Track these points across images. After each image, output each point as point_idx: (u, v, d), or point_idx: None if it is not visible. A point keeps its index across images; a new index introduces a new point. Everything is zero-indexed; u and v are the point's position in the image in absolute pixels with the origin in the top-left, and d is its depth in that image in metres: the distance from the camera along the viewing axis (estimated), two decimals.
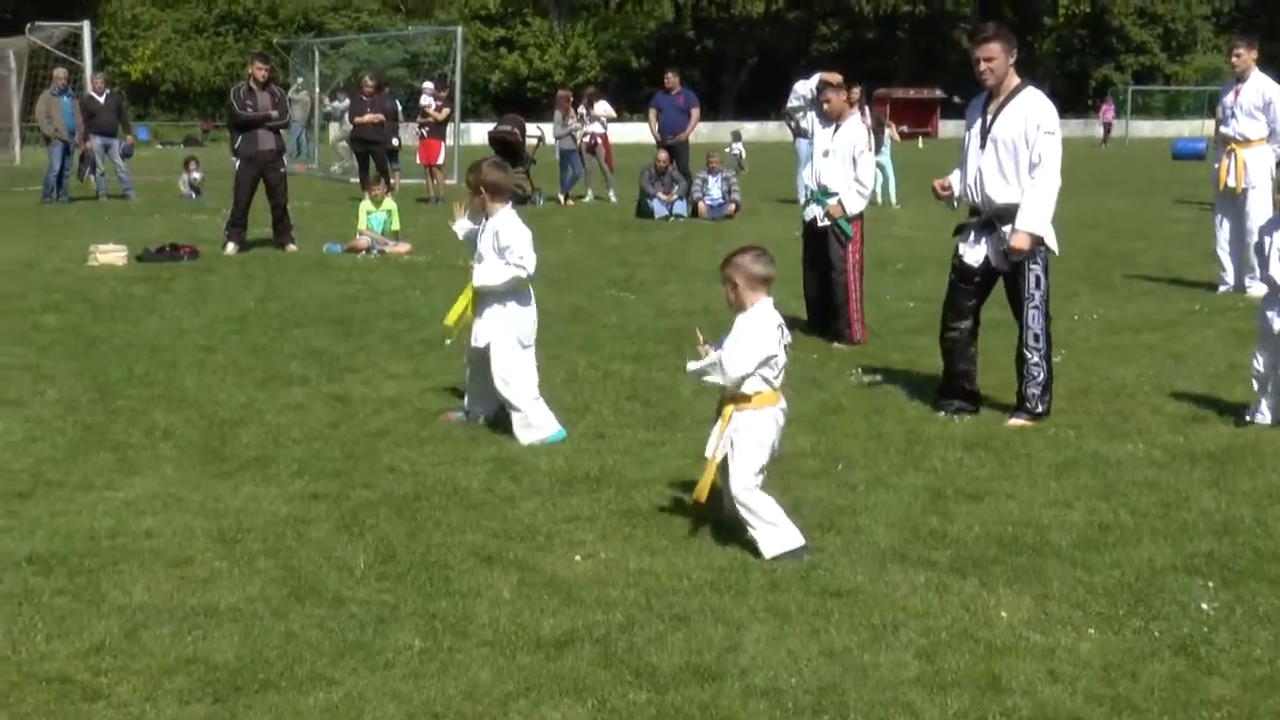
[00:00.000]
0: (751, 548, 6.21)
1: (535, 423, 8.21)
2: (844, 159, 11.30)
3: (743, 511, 6.30)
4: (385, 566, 6.08)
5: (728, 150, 34.28)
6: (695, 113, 25.38)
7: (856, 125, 11.42)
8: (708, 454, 6.43)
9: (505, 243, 8.19)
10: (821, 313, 11.69)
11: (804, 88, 11.59)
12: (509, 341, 8.26)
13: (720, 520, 6.64)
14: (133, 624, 5.42)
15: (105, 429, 8.54)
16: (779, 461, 7.64)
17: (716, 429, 6.48)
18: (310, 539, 6.44)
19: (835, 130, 11.38)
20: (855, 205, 11.40)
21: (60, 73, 27.84)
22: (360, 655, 5.13)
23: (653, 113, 25.41)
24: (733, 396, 6.45)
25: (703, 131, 26.23)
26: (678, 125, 25.03)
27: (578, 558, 6.22)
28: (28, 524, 6.70)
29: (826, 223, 11.42)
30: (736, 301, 6.56)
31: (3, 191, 28.90)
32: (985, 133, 8.62)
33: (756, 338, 6.40)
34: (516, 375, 8.24)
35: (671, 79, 25.64)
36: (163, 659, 5.09)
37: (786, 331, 6.60)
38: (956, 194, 8.94)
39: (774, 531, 6.23)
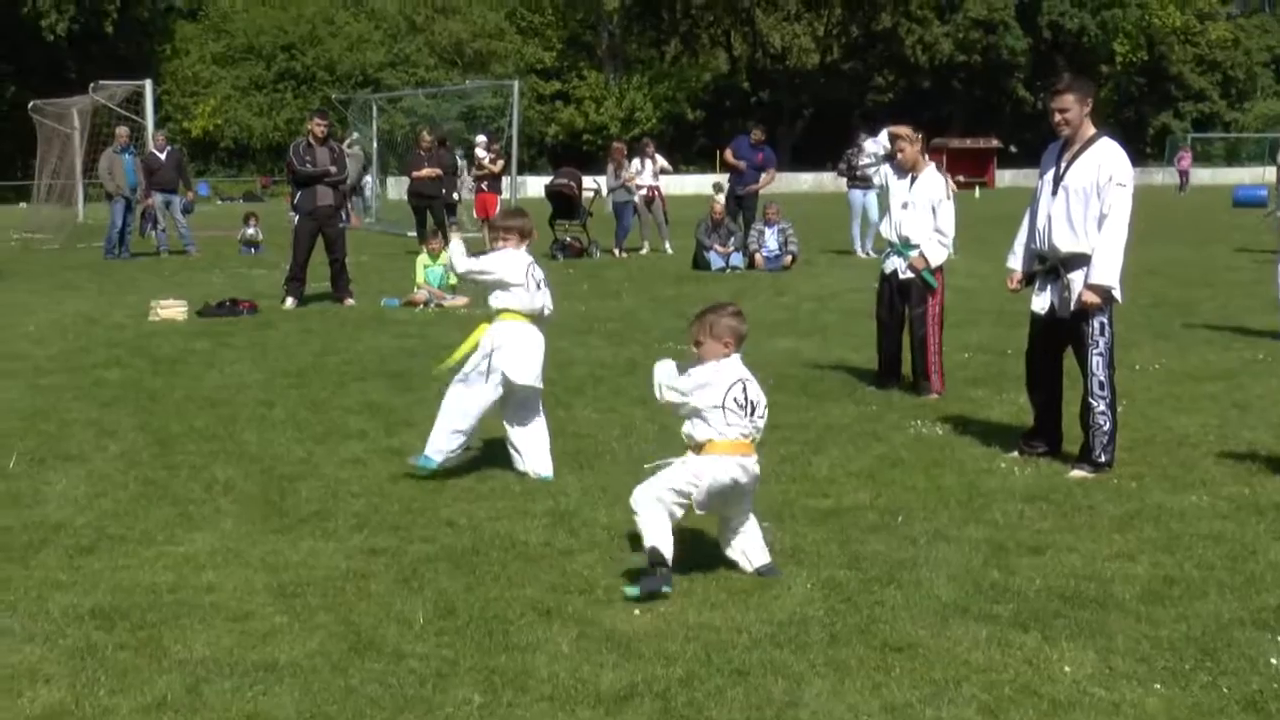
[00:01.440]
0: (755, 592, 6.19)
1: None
2: (924, 209, 11.20)
3: (635, 510, 6.56)
4: (444, 621, 6.08)
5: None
6: (769, 174, 25.58)
7: (933, 174, 11.34)
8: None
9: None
10: (892, 366, 11.61)
11: (875, 144, 11.60)
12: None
13: (780, 575, 6.62)
14: (194, 679, 5.44)
15: (166, 484, 8.60)
16: (837, 514, 7.64)
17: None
18: (369, 593, 6.45)
19: (912, 182, 11.30)
20: (938, 256, 11.30)
21: (122, 131, 28.22)
22: (420, 710, 5.12)
23: (730, 151, 25.67)
24: (690, 445, 6.76)
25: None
26: (750, 179, 25.18)
27: (636, 611, 6.19)
28: (90, 579, 6.75)
29: (909, 275, 11.34)
30: (704, 355, 6.72)
31: (66, 248, 29.31)
32: (1058, 180, 8.61)
33: (704, 380, 6.61)
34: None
35: (758, 134, 25.93)
36: (224, 714, 5.10)
37: (756, 391, 6.73)
38: (1020, 272, 8.99)
39: (649, 539, 6.45)
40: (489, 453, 9.31)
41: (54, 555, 7.14)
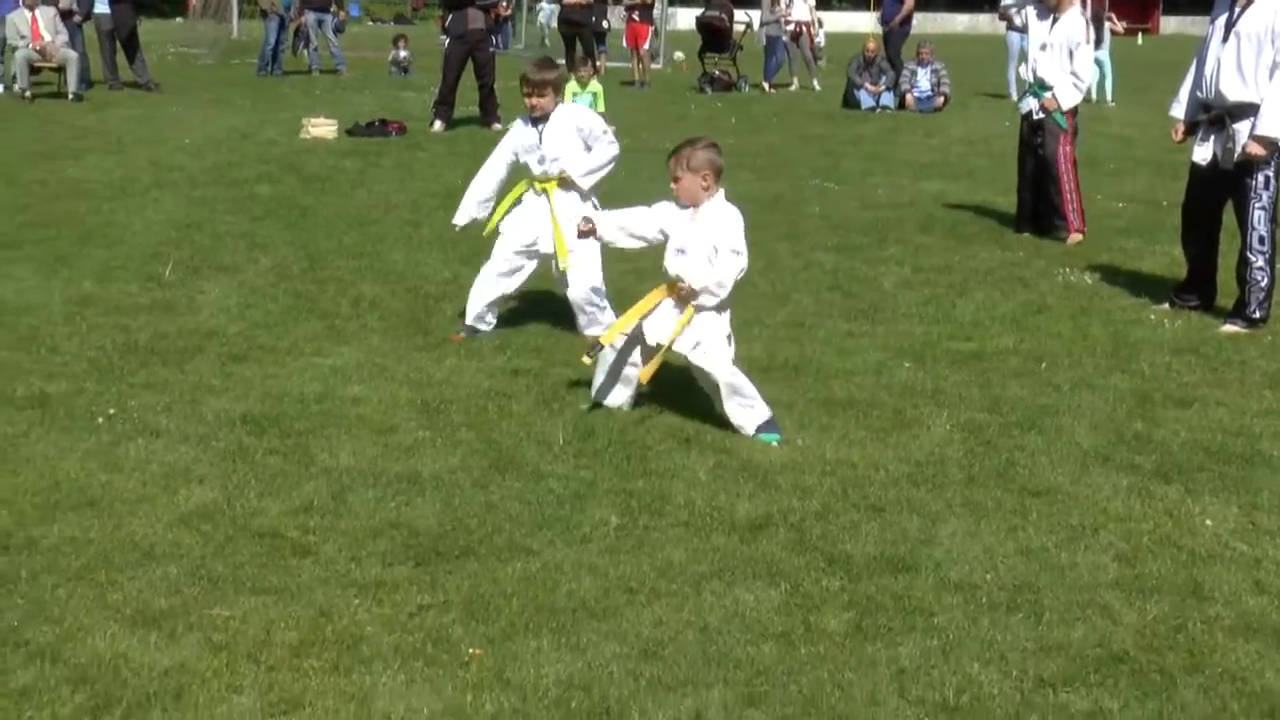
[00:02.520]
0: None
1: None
2: (1060, 51, 10.95)
3: (730, 396, 6.33)
4: (583, 443, 6.16)
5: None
6: (908, 2, 24.91)
7: (1075, 17, 11.05)
8: (662, 341, 6.41)
9: (589, 126, 7.91)
10: (1034, 210, 11.41)
11: None
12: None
13: (919, 415, 6.61)
14: (339, 486, 5.58)
15: (315, 298, 8.76)
16: (979, 358, 7.58)
17: (677, 322, 6.40)
18: (511, 413, 6.54)
19: (1053, 23, 11.02)
20: (1070, 99, 11.06)
21: None
22: (558, 528, 5.21)
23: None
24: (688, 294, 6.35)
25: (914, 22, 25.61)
26: (891, 14, 24.70)
27: (774, 445, 6.22)
28: (241, 385, 6.93)
29: (1042, 116, 11.11)
30: (692, 194, 6.39)
31: (221, 64, 29.61)
32: (1230, 26, 8.29)
33: (740, 246, 6.35)
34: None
35: None
36: (367, 521, 5.24)
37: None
38: (1184, 121, 8.71)
39: (757, 407, 6.32)
40: (631, 280, 9.31)
41: (207, 361, 7.34)
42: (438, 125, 18.10)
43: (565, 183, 7.91)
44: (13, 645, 4.19)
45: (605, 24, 27.64)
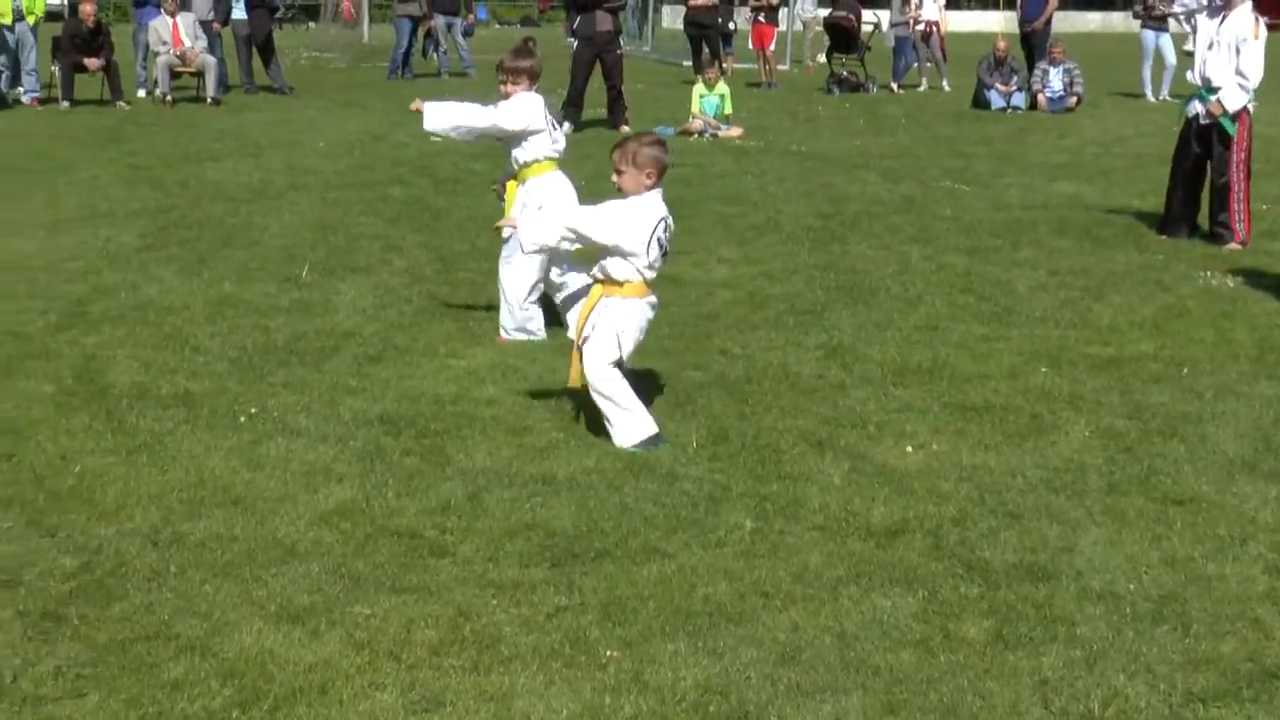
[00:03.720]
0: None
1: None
2: (1228, 49, 10.55)
3: (597, 398, 6.19)
4: (717, 447, 6.15)
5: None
6: (1053, 1, 24.58)
7: (1244, 12, 10.61)
8: (570, 335, 6.41)
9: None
10: (1182, 213, 11.13)
11: None
12: None
13: (1057, 421, 6.52)
14: (475, 487, 5.63)
15: (449, 299, 8.83)
16: (1118, 363, 7.45)
17: (581, 311, 6.37)
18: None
19: (1222, 20, 10.64)
20: (1235, 100, 10.66)
21: None
22: (693, 531, 5.21)
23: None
24: (603, 280, 6.31)
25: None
26: (1035, 12, 24.40)
27: (909, 449, 6.17)
28: (378, 386, 7.01)
29: (1208, 121, 10.84)
30: (634, 189, 6.33)
31: (352, 67, 30.03)
32: None
33: (627, 215, 6.25)
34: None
35: None
36: (504, 522, 5.28)
37: (670, 226, 6.42)
38: None
39: (629, 419, 6.15)
40: (762, 283, 9.31)
41: (344, 362, 7.44)
42: (566, 127, 18.11)
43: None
44: (164, 639, 4.28)
45: (732, 25, 27.58)
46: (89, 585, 4.66)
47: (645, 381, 7.06)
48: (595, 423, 6.33)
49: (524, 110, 7.88)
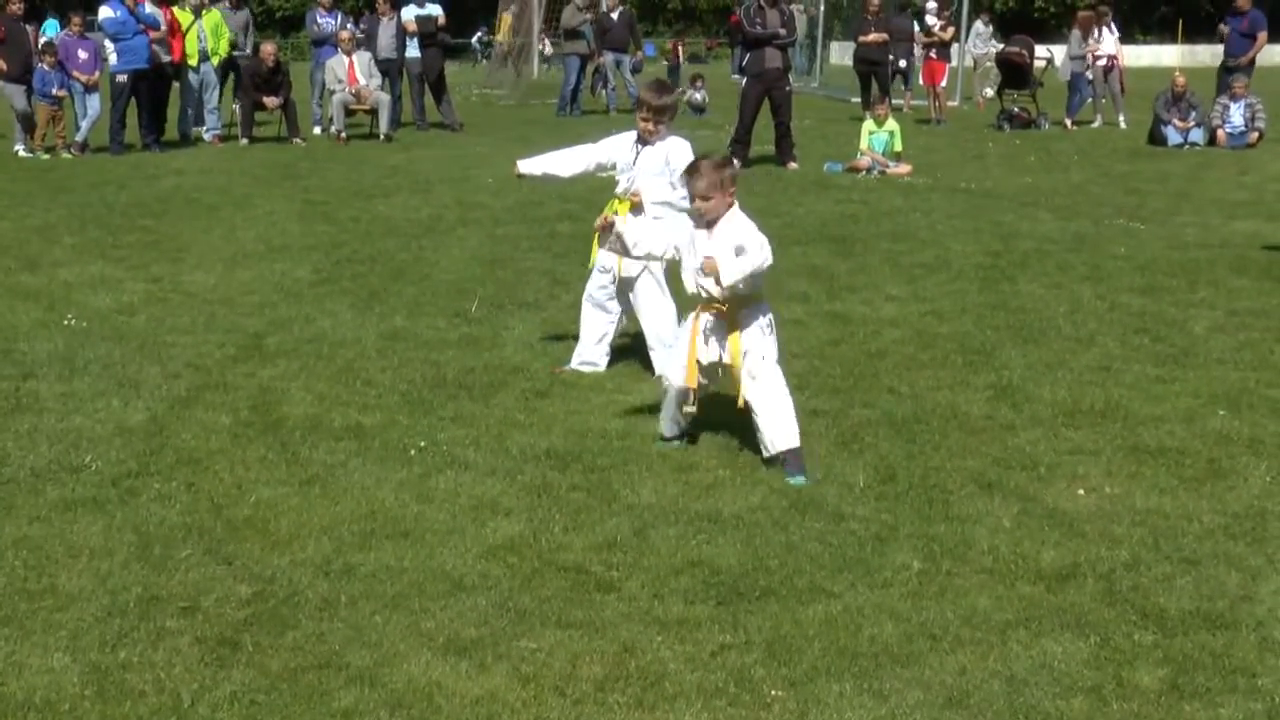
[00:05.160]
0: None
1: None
2: None
3: (764, 411, 6.32)
4: (884, 486, 6.10)
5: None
6: (1261, 37, 24.02)
7: None
8: (727, 360, 6.42)
9: (676, 162, 7.71)
10: None
11: None
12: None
13: (1235, 465, 6.35)
14: (641, 523, 5.65)
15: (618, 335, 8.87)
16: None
17: (730, 339, 6.39)
18: (811, 453, 6.49)
19: None
20: None
21: None
22: (859, 571, 5.17)
23: (1223, 36, 24.41)
24: (724, 300, 6.35)
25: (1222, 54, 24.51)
26: (1240, 49, 23.84)
27: (1080, 491, 6.06)
28: (545, 420, 7.08)
29: None
30: (711, 211, 6.38)
31: (521, 104, 30.43)
32: None
33: (762, 240, 6.24)
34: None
35: (1241, 1, 24.29)
36: (669, 559, 5.28)
37: None
38: None
39: (785, 430, 6.28)
40: (931, 322, 9.22)
41: (512, 396, 7.52)
42: (735, 164, 18.18)
43: (636, 207, 7.85)
44: (335, 668, 4.36)
45: (902, 63, 27.46)
46: (263, 614, 4.77)
47: (814, 420, 7.04)
48: (759, 464, 6.32)
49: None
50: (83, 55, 20.22)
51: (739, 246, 6.21)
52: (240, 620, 4.72)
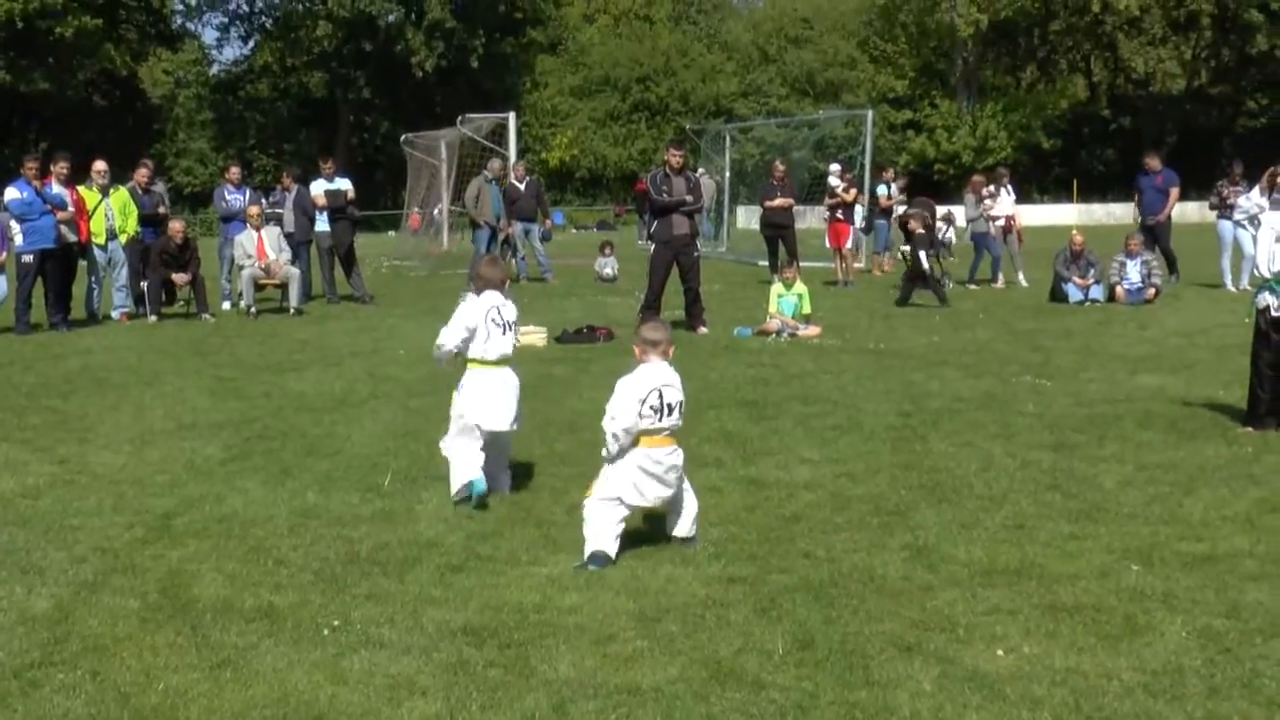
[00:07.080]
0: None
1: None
2: None
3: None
4: (803, 653, 6.06)
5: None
6: (1174, 192, 25.35)
7: None
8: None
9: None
10: (1269, 405, 10.97)
11: (1250, 204, 11.20)
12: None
13: (1151, 621, 6.37)
14: (560, 699, 5.57)
15: (530, 505, 8.85)
16: (1212, 560, 7.30)
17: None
18: (729, 621, 6.47)
19: None
20: None
21: (496, 164, 28.69)
22: None
23: (1137, 195, 25.78)
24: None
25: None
26: (1156, 206, 24.97)
27: (1000, 652, 6.05)
28: (461, 595, 6.99)
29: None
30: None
31: (432, 275, 30.56)
32: None
33: (623, 393, 7.73)
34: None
35: (1153, 162, 25.87)
36: None
37: (675, 390, 7.96)
38: None
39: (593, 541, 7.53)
40: (845, 484, 9.25)
41: (427, 571, 7.43)
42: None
43: None
44: None
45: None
46: None
47: (731, 588, 7.01)
48: (678, 633, 6.26)
49: (463, 315, 9.45)
50: None
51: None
52: None
